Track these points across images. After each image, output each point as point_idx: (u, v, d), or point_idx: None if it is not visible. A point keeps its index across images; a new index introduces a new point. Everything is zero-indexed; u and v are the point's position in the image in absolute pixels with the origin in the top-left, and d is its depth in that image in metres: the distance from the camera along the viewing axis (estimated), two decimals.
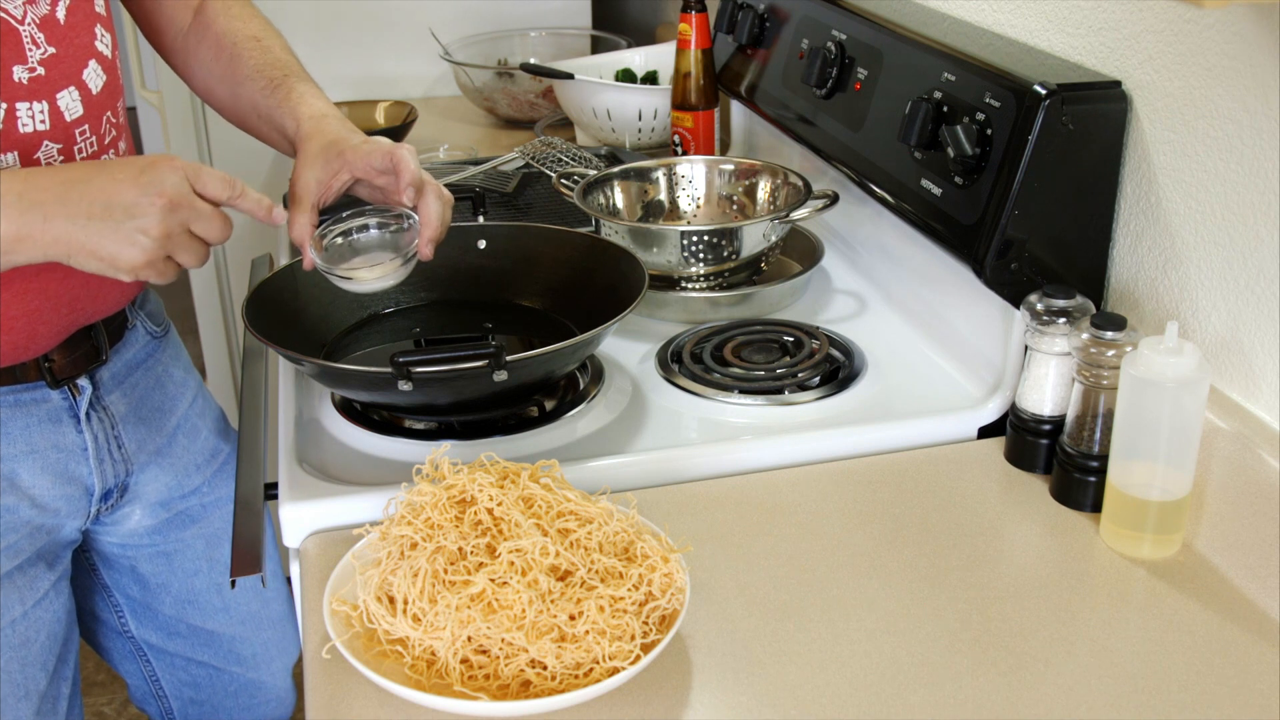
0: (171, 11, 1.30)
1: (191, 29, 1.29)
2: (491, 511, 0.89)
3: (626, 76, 2.06)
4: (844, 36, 1.41)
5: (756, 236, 1.38)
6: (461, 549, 0.87)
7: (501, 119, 2.19)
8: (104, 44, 1.16)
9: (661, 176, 1.57)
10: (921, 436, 1.17)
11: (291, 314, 1.22)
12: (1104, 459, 1.02)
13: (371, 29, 2.29)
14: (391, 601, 0.86)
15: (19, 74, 1.04)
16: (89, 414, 1.22)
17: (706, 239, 1.36)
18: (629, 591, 0.85)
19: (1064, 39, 1.17)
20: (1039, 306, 1.06)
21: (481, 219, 1.37)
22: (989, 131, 1.12)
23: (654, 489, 1.09)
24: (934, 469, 1.12)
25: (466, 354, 1.03)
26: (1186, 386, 0.92)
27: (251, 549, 1.04)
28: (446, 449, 0.97)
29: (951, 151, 1.14)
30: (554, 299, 1.31)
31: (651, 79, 2.05)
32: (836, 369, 1.26)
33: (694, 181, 1.57)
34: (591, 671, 0.82)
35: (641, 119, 1.88)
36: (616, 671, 0.81)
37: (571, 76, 1.90)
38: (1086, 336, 1.00)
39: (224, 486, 1.39)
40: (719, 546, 1.01)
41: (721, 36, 1.75)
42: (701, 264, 1.37)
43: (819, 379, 1.24)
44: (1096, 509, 1.03)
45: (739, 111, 1.90)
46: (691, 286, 1.40)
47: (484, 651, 0.83)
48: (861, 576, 0.97)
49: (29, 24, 1.07)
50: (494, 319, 1.32)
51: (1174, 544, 0.99)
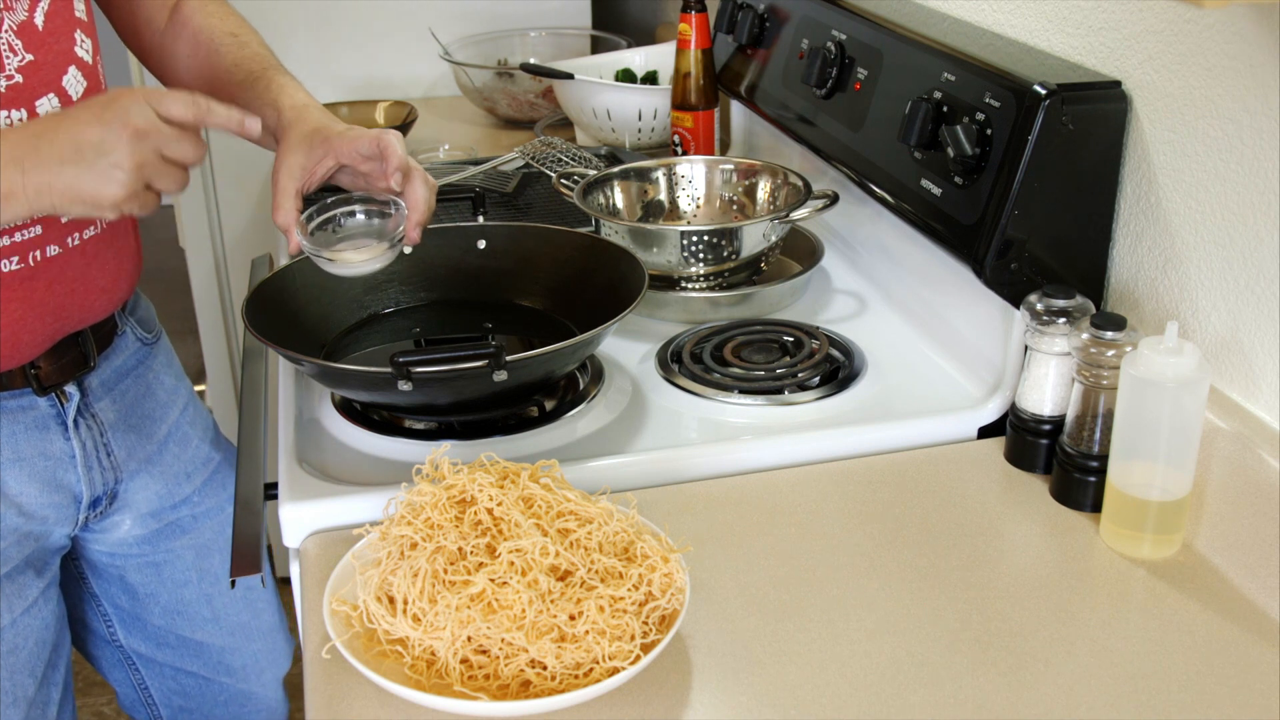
0: (148, 12, 1.29)
1: (168, 28, 1.29)
2: (491, 511, 0.89)
3: (626, 76, 2.06)
4: (844, 36, 1.41)
5: (756, 236, 1.38)
6: (461, 549, 0.87)
7: (501, 119, 2.19)
8: (84, 50, 1.15)
9: (661, 176, 1.57)
10: (921, 436, 1.17)
11: (291, 314, 1.22)
12: (1104, 459, 1.02)
13: (371, 29, 2.29)
14: (391, 601, 0.86)
15: None
16: (77, 421, 1.22)
17: (706, 239, 1.36)
18: (629, 591, 0.85)
19: (1064, 39, 1.17)
20: (1039, 306, 1.06)
21: (481, 219, 1.37)
22: (989, 131, 1.12)
23: (654, 489, 1.09)
24: (934, 469, 1.12)
25: (466, 354, 1.03)
26: (1186, 386, 0.92)
27: (251, 549, 1.05)
28: (446, 449, 0.97)
29: (951, 151, 1.14)
30: (554, 299, 1.31)
31: (651, 79, 2.05)
32: (836, 369, 1.26)
33: (694, 181, 1.57)
34: (591, 671, 0.82)
35: (641, 119, 1.88)
36: (616, 671, 0.81)
37: (571, 76, 1.90)
38: (1086, 336, 1.00)
39: (214, 496, 1.39)
40: (719, 546, 1.01)
41: (721, 36, 1.75)
42: (701, 264, 1.37)
43: (819, 379, 1.24)
44: (1096, 509, 1.03)
45: (739, 111, 1.90)
46: (691, 286, 1.40)
47: (484, 651, 0.83)
48: (861, 576, 0.97)
49: (6, 31, 1.06)
50: (494, 319, 1.32)
51: (1174, 544, 0.99)
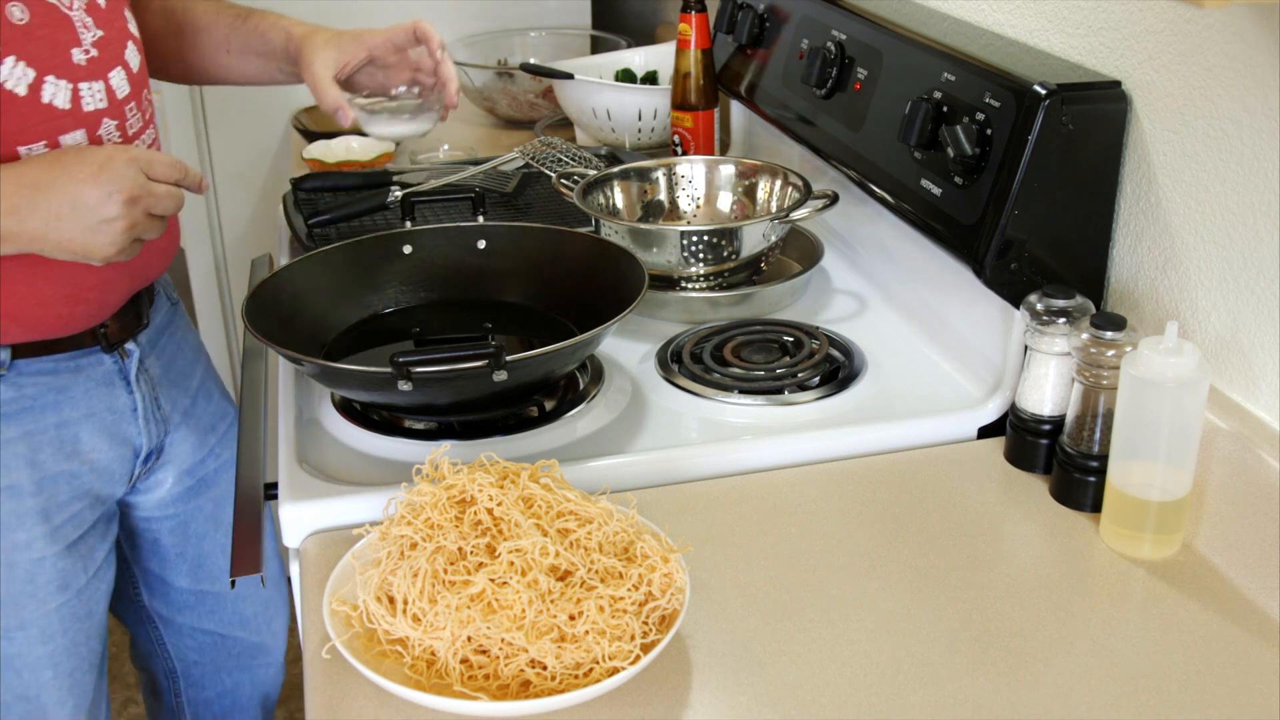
0: None
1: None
2: (491, 511, 0.89)
3: (626, 76, 2.06)
4: (844, 36, 1.41)
5: (756, 236, 1.38)
6: (461, 549, 0.87)
7: (501, 119, 2.19)
8: (133, 26, 1.24)
9: (661, 176, 1.57)
10: (921, 436, 1.17)
11: (291, 314, 1.22)
12: (1104, 459, 1.02)
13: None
14: (391, 601, 0.86)
15: (77, 56, 1.13)
16: (137, 376, 1.30)
17: (706, 239, 1.36)
18: (629, 591, 0.85)
19: (1064, 39, 1.17)
20: (1039, 306, 1.06)
21: (481, 219, 1.37)
22: (989, 131, 1.12)
23: (654, 489, 1.09)
24: (934, 469, 1.12)
25: (466, 354, 1.03)
26: (1186, 386, 0.92)
27: (251, 549, 1.05)
28: (446, 449, 0.97)
29: (951, 151, 1.14)
30: (554, 299, 1.31)
31: (651, 79, 2.05)
32: (836, 369, 1.26)
33: (694, 181, 1.57)
34: (591, 671, 0.82)
35: (641, 119, 1.88)
36: (616, 671, 0.81)
37: (571, 76, 1.90)
38: (1086, 336, 1.00)
39: (231, 448, 1.46)
40: (719, 546, 1.01)
41: (721, 36, 1.75)
42: (701, 264, 1.37)
43: (819, 379, 1.24)
44: (1096, 509, 1.03)
45: (739, 111, 1.90)
46: (691, 286, 1.40)
47: (484, 651, 0.83)
48: (861, 576, 0.97)
49: (78, 9, 1.15)
50: (494, 319, 1.32)
51: (1174, 544, 0.99)
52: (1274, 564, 0.93)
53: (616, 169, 1.55)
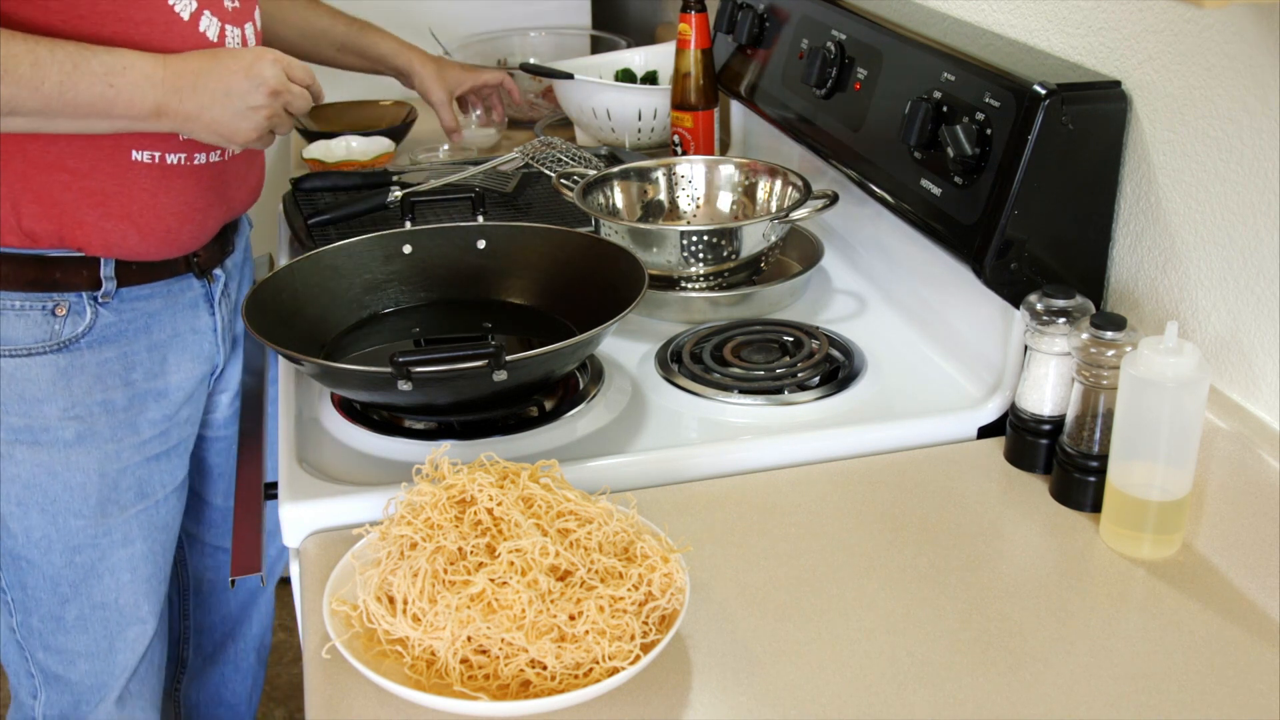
0: None
1: None
2: (491, 511, 0.89)
3: (626, 76, 2.05)
4: (844, 36, 1.41)
5: (756, 236, 1.38)
6: (461, 549, 0.87)
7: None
8: None
9: (661, 176, 1.57)
10: (921, 436, 1.17)
11: (291, 314, 1.22)
12: (1104, 459, 1.02)
13: None
14: (391, 601, 0.86)
15: (228, 2, 1.29)
16: (220, 300, 1.42)
17: (706, 239, 1.36)
18: (629, 591, 0.85)
19: (1064, 39, 1.17)
20: (1039, 306, 1.06)
21: (481, 219, 1.37)
22: (989, 131, 1.12)
23: (654, 489, 1.09)
24: (934, 469, 1.12)
25: (466, 354, 1.03)
26: (1186, 386, 0.92)
27: (251, 549, 1.06)
28: (446, 449, 0.97)
29: (951, 151, 1.14)
30: (554, 299, 1.31)
31: (651, 79, 2.05)
32: (836, 369, 1.26)
33: (694, 181, 1.57)
34: (591, 671, 0.82)
35: (641, 119, 1.88)
36: (616, 671, 0.81)
37: (571, 76, 1.90)
38: (1086, 336, 1.00)
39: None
40: (719, 546, 1.01)
41: (721, 36, 1.75)
42: (701, 264, 1.37)
43: (819, 379, 1.24)
44: (1096, 509, 1.03)
45: (739, 111, 1.90)
46: (691, 286, 1.40)
47: (484, 651, 0.83)
48: (861, 576, 0.97)
49: None
50: (494, 319, 1.32)
51: (1174, 544, 0.99)
52: (1274, 564, 0.93)
53: (616, 169, 1.55)
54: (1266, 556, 0.94)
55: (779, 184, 1.51)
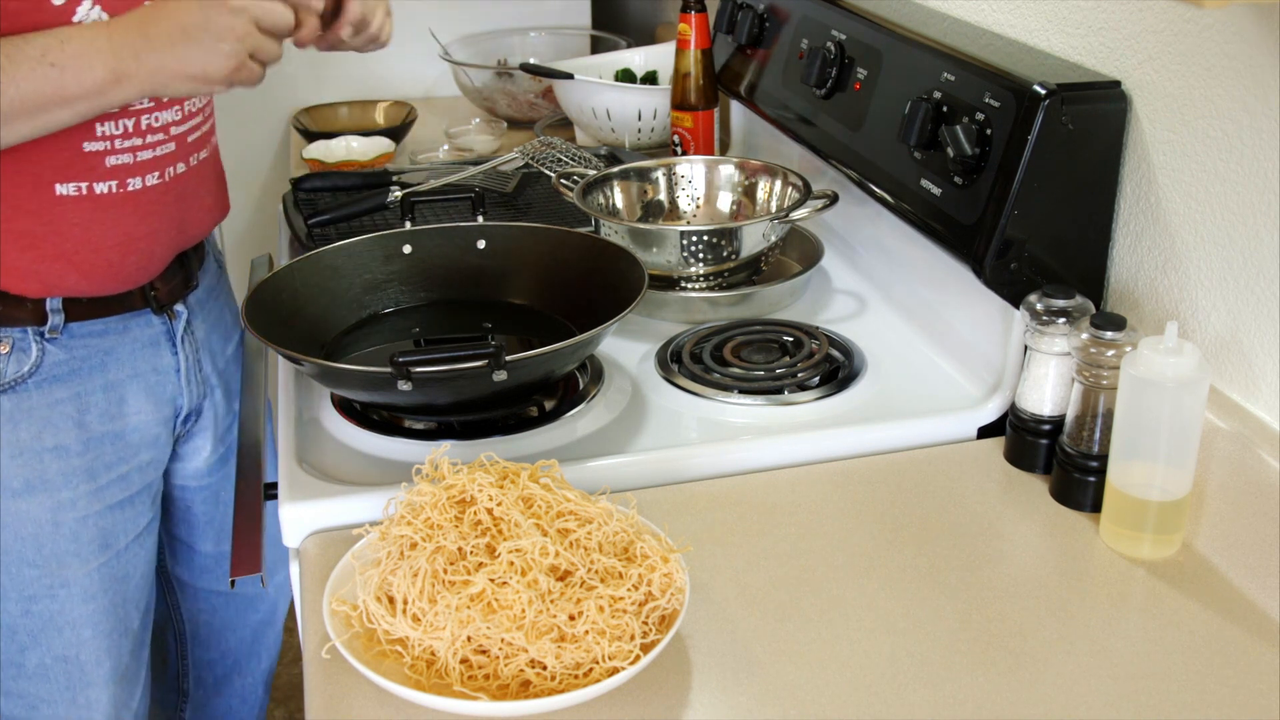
0: None
1: None
2: (491, 511, 0.89)
3: (626, 76, 2.06)
4: (844, 36, 1.41)
5: (756, 236, 1.38)
6: (461, 549, 0.87)
7: (501, 119, 2.19)
8: None
9: (661, 176, 1.57)
10: (921, 436, 1.17)
11: (291, 314, 1.22)
12: (1104, 459, 1.02)
13: None
14: (391, 601, 0.86)
15: None
16: (183, 337, 1.33)
17: (706, 239, 1.36)
18: (629, 591, 0.85)
19: (1064, 39, 1.17)
20: (1039, 306, 1.06)
21: (481, 219, 1.37)
22: (989, 131, 1.12)
23: (654, 489, 1.09)
24: (934, 469, 1.12)
25: (466, 354, 1.03)
26: (1186, 386, 0.92)
27: (251, 549, 1.05)
28: (446, 449, 0.97)
29: (951, 151, 1.14)
30: (554, 299, 1.31)
31: (651, 79, 2.05)
32: (836, 369, 1.26)
33: (694, 181, 1.57)
34: (591, 671, 0.82)
35: (641, 119, 1.88)
36: (616, 671, 0.81)
37: (571, 76, 1.90)
38: (1086, 336, 1.00)
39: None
40: (719, 546, 1.01)
41: (721, 36, 1.75)
42: (701, 264, 1.37)
43: (819, 379, 1.24)
44: (1096, 509, 1.03)
45: (739, 111, 1.90)
46: (691, 286, 1.40)
47: (484, 651, 0.83)
48: (861, 576, 0.97)
49: None
50: (494, 319, 1.32)
51: (1174, 544, 0.99)
52: (1274, 564, 0.93)
53: (616, 169, 1.55)
54: (1266, 556, 0.94)
55: (779, 184, 1.51)
